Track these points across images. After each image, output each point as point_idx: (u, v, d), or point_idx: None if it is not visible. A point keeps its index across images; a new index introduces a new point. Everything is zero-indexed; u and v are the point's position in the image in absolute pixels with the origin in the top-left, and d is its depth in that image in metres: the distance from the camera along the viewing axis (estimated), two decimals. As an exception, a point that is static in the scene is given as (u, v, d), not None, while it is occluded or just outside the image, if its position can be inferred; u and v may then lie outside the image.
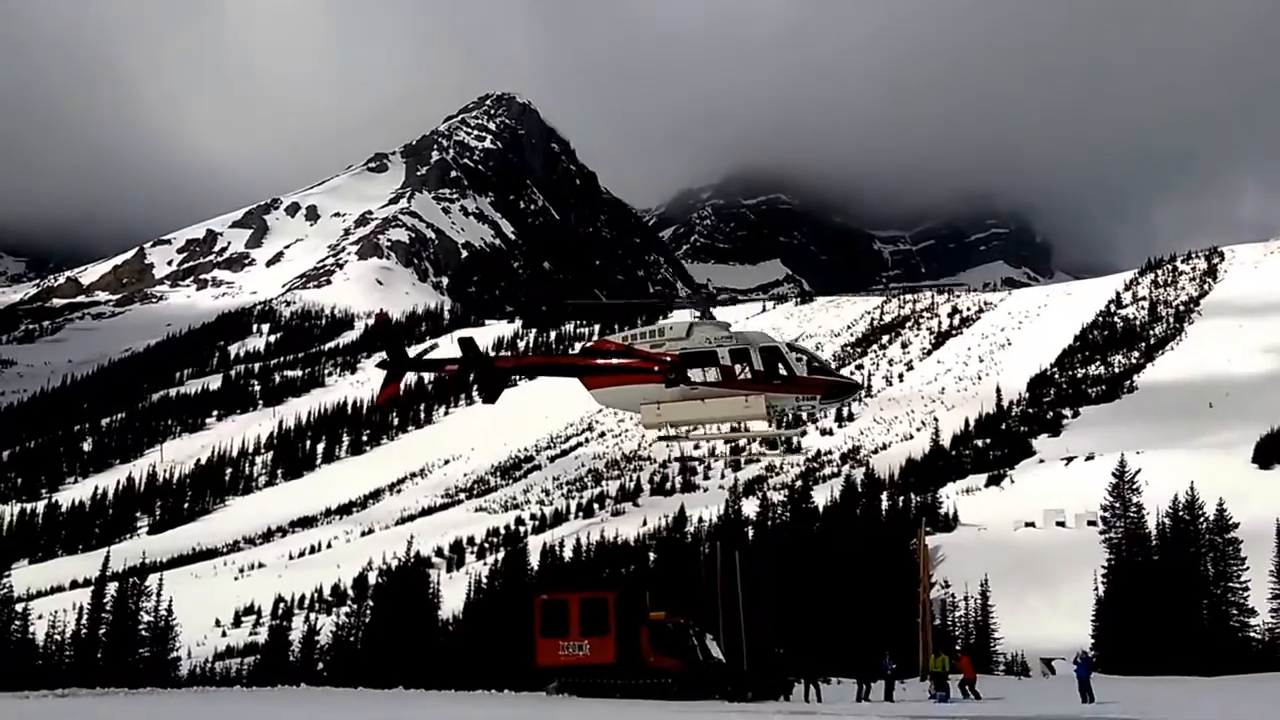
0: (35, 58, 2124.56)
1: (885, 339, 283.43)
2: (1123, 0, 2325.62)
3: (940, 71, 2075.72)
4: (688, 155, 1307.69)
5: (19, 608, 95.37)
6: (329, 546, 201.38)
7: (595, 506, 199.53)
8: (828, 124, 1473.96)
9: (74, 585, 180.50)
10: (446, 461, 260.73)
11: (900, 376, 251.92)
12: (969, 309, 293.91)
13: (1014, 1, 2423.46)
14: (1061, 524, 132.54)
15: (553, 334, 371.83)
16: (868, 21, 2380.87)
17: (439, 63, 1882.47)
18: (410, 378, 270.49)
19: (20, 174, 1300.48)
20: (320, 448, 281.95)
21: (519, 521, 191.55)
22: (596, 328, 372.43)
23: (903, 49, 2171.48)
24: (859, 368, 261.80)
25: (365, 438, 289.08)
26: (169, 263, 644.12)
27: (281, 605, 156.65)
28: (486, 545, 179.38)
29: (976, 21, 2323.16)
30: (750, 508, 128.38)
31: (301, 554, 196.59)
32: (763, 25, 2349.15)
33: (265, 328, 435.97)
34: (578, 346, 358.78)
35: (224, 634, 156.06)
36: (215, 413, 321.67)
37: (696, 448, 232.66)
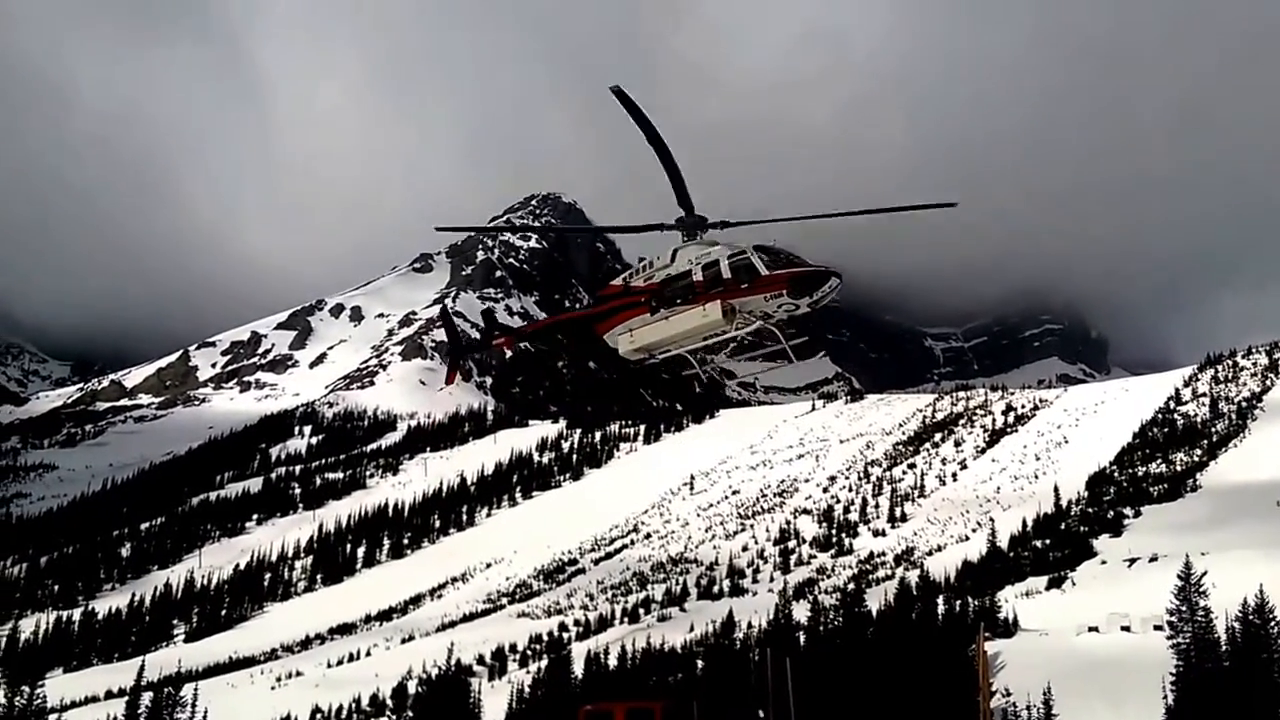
0: (81, 160, 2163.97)
1: (938, 437, 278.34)
2: (1175, 96, 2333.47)
3: (991, 167, 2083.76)
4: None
5: (52, 719, 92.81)
6: (368, 654, 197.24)
7: (641, 611, 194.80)
8: (876, 222, 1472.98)
9: (109, 695, 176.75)
10: (488, 565, 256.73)
11: (954, 475, 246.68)
12: (1024, 406, 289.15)
13: (1065, 99, 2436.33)
14: (1126, 629, 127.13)
15: (597, 434, 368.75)
16: (915, 119, 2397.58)
17: (485, 164, 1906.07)
18: (452, 478, 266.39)
19: (67, 277, 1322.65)
20: (361, 551, 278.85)
21: (562, 627, 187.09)
22: (642, 427, 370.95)
23: (952, 144, 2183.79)
24: (911, 467, 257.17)
25: (406, 540, 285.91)
26: (213, 365, 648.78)
27: (319, 716, 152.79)
28: (529, 652, 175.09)
29: (1028, 118, 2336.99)
30: (801, 612, 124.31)
31: (340, 662, 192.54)
32: (808, 122, 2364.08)
33: (307, 429, 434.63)
34: (624, 446, 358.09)
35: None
36: (255, 516, 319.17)
37: (745, 549, 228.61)
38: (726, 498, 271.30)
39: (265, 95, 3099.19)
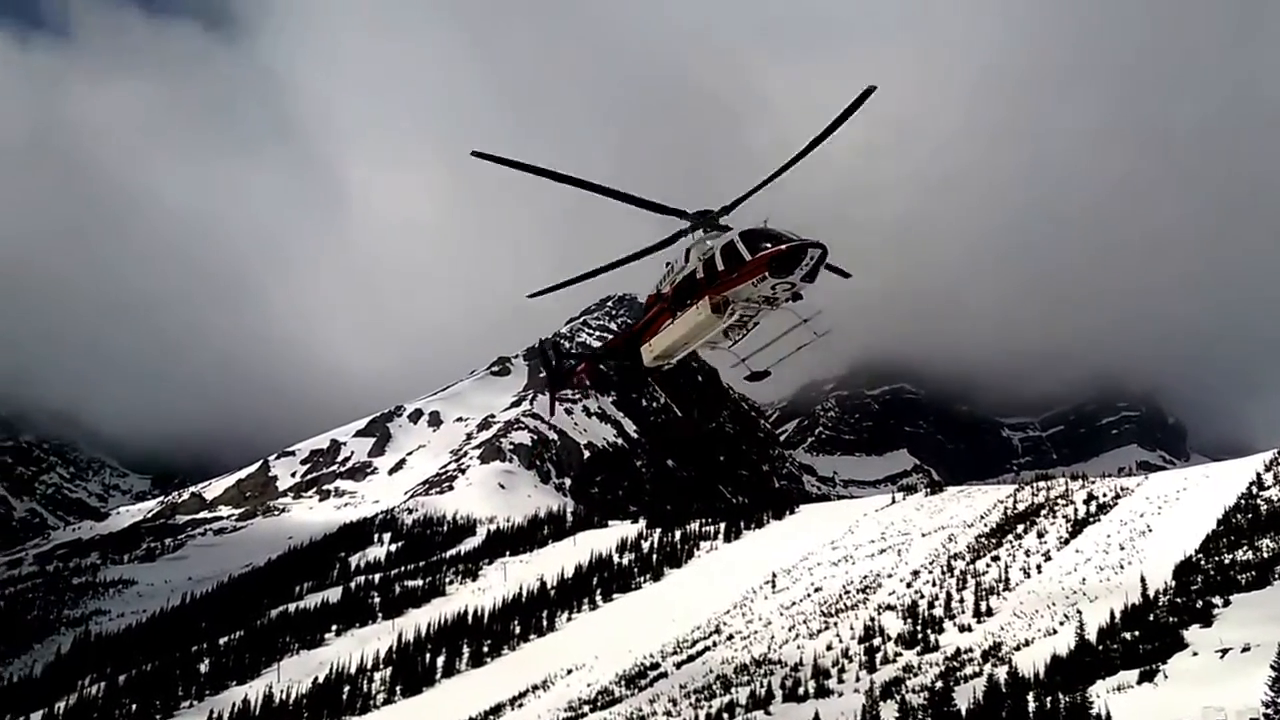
0: (162, 270, 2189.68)
1: (1020, 528, 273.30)
2: (1236, 182, 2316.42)
3: (1060, 254, 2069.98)
4: (811, 347, 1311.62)
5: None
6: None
7: (725, 716, 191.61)
8: (952, 313, 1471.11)
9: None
10: (569, 671, 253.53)
11: (1038, 567, 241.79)
12: (1105, 495, 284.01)
13: (1133, 188, 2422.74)
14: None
15: (677, 533, 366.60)
16: (985, 206, 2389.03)
17: (563, 268, 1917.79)
18: (531, 582, 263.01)
19: (148, 389, 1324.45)
20: (440, 661, 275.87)
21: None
22: (723, 525, 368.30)
23: (1023, 235, 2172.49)
24: (995, 559, 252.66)
25: (486, 648, 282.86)
26: (292, 474, 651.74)
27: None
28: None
29: (1098, 208, 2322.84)
30: (889, 713, 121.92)
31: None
32: (878, 215, 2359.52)
33: (386, 537, 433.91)
34: (704, 545, 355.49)
35: None
36: (334, 627, 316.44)
37: (829, 648, 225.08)
38: (809, 595, 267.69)
39: (345, 201, 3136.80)
